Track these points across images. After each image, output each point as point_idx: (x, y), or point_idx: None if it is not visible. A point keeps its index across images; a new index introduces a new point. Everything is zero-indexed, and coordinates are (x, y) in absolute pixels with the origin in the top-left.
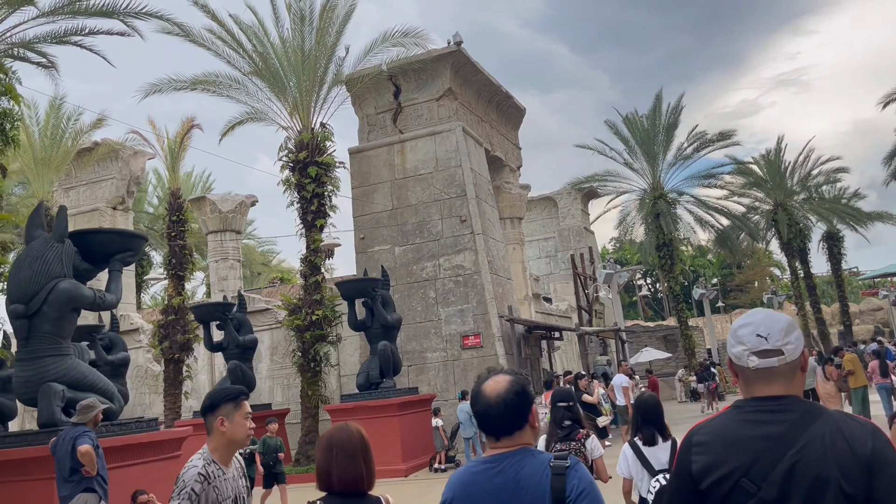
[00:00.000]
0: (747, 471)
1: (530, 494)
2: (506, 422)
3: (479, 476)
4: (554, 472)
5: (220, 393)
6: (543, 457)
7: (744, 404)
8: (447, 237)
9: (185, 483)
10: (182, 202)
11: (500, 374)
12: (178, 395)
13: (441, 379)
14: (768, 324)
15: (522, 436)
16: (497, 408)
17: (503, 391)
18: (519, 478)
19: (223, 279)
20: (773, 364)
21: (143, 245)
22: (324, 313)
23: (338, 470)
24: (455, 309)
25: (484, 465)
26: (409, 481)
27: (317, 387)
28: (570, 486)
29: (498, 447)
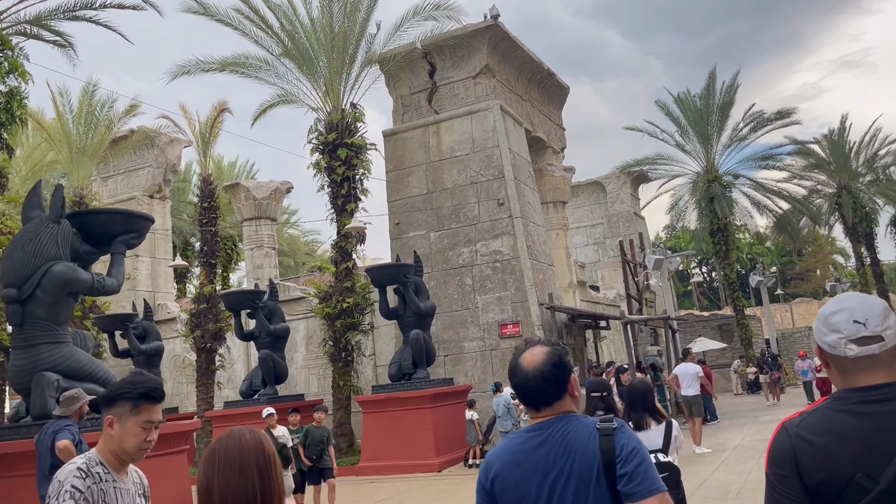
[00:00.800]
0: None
1: (580, 457)
2: (545, 393)
3: (524, 445)
4: (602, 433)
5: (119, 387)
6: (589, 420)
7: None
8: (484, 221)
9: (60, 483)
10: (213, 188)
11: (538, 346)
12: (210, 384)
13: (478, 369)
14: (865, 309)
15: (563, 405)
16: (535, 380)
17: (540, 363)
18: (567, 442)
19: (258, 267)
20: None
21: (147, 226)
22: (355, 301)
23: (220, 485)
24: (493, 296)
25: (528, 433)
26: (441, 477)
27: (348, 377)
28: (619, 445)
29: (539, 417)
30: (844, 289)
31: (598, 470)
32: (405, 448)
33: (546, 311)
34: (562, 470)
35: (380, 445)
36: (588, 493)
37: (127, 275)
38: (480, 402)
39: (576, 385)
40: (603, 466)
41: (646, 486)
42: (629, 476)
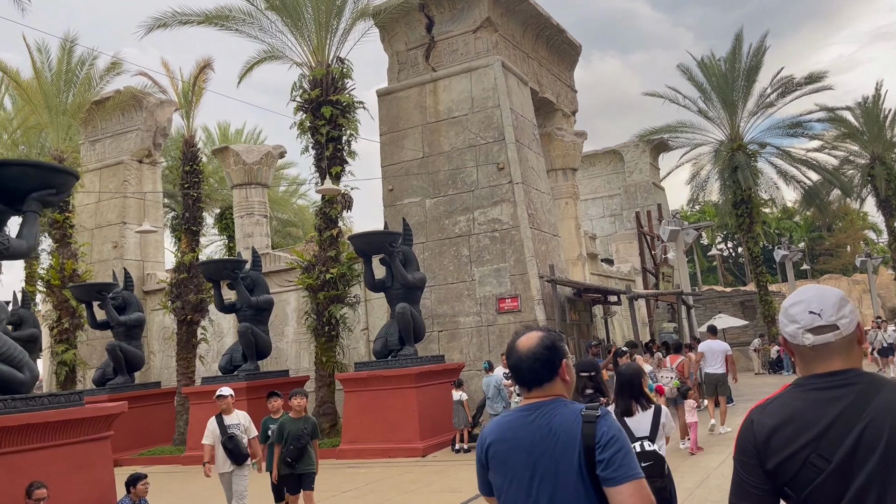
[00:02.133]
0: (817, 446)
1: (562, 440)
2: (536, 374)
3: (514, 423)
4: (585, 420)
5: None
6: (575, 406)
7: (805, 381)
8: (483, 187)
9: None
10: (196, 151)
11: (534, 331)
12: (191, 358)
13: (475, 346)
14: (820, 300)
15: (553, 387)
16: (528, 361)
17: (534, 346)
18: (552, 424)
19: (248, 236)
20: (830, 340)
21: (69, 181)
22: (339, 271)
23: None
24: (491, 268)
25: (519, 413)
26: (424, 463)
27: (332, 353)
28: (599, 432)
29: (531, 397)
30: (875, 265)
31: (579, 454)
32: (388, 430)
33: (547, 285)
34: (545, 450)
35: (362, 427)
36: (568, 475)
37: (114, 242)
38: (475, 381)
39: (568, 370)
40: (583, 451)
41: (622, 473)
42: (607, 462)
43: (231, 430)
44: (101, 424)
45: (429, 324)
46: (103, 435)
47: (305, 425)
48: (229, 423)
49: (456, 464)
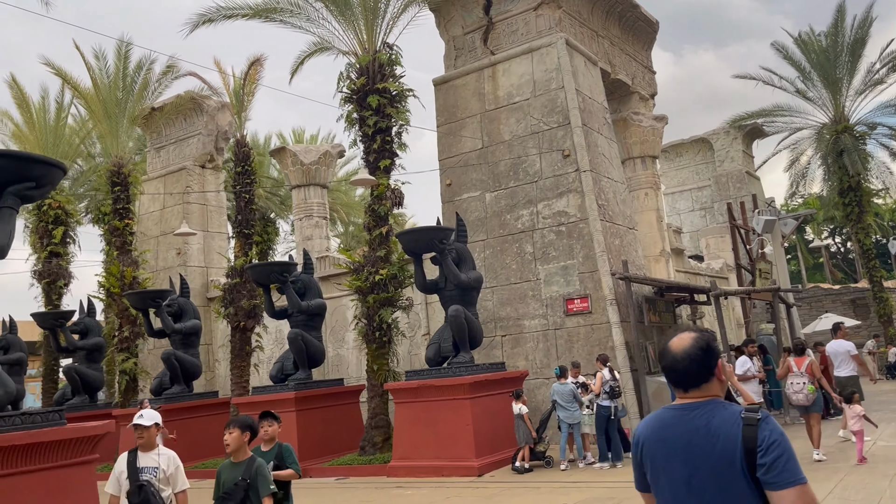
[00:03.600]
0: None
1: (721, 442)
2: (692, 375)
3: (669, 422)
4: (746, 422)
5: None
6: (734, 408)
7: None
8: (547, 177)
9: None
10: (248, 151)
11: (686, 332)
12: (245, 367)
13: (541, 352)
14: None
15: (710, 388)
16: (683, 362)
17: (688, 346)
18: (710, 426)
19: (308, 238)
20: None
21: (51, 173)
22: (389, 273)
23: None
24: (557, 266)
25: (674, 411)
26: (481, 483)
27: (384, 360)
28: (761, 436)
29: (687, 398)
30: None
31: (740, 457)
32: (441, 446)
33: (620, 283)
34: (703, 452)
35: (413, 442)
36: (729, 477)
37: (177, 249)
38: (542, 390)
39: (723, 370)
40: (744, 454)
41: (784, 478)
42: (769, 466)
43: (144, 476)
44: (83, 447)
45: (491, 328)
46: (85, 459)
47: (246, 473)
48: (144, 466)
49: (515, 486)
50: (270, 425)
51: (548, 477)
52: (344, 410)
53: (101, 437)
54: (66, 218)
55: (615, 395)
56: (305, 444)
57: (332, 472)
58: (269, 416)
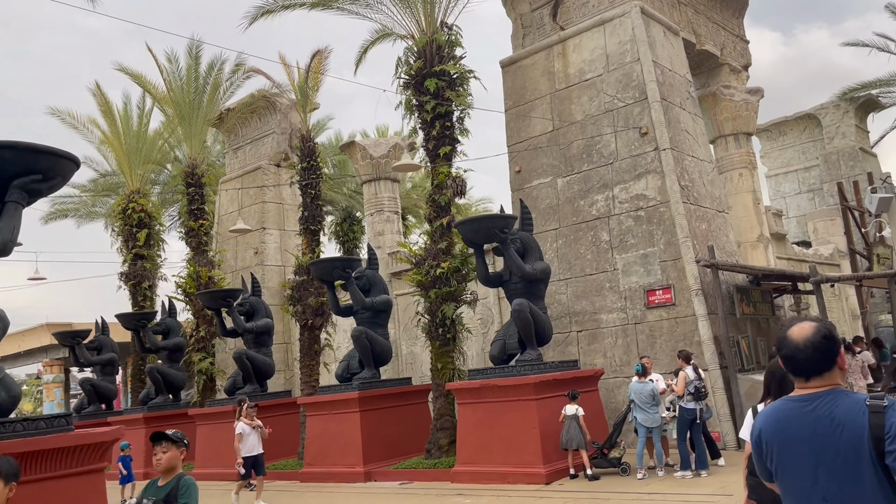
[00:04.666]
0: None
1: (847, 430)
2: (814, 363)
3: (791, 413)
4: (871, 409)
5: None
6: (858, 396)
7: None
8: (623, 158)
9: None
10: (313, 146)
11: (806, 321)
12: (314, 366)
13: (620, 349)
14: None
15: (832, 377)
16: (805, 351)
17: (810, 335)
18: (834, 415)
19: (379, 234)
20: None
21: (60, 165)
22: (451, 265)
23: None
24: (636, 254)
25: (796, 402)
26: (548, 492)
27: (448, 358)
28: (889, 423)
29: (808, 387)
30: None
31: (868, 444)
32: (506, 451)
33: (707, 272)
34: (828, 441)
35: (477, 446)
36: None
37: (255, 249)
38: (622, 390)
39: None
40: (871, 441)
41: None
42: None
43: None
44: (89, 454)
45: (565, 323)
46: (94, 467)
47: None
48: None
49: (582, 498)
50: (165, 451)
51: (621, 486)
52: (412, 411)
53: (110, 444)
54: (150, 221)
55: (700, 396)
56: (370, 445)
57: (396, 476)
58: (162, 438)
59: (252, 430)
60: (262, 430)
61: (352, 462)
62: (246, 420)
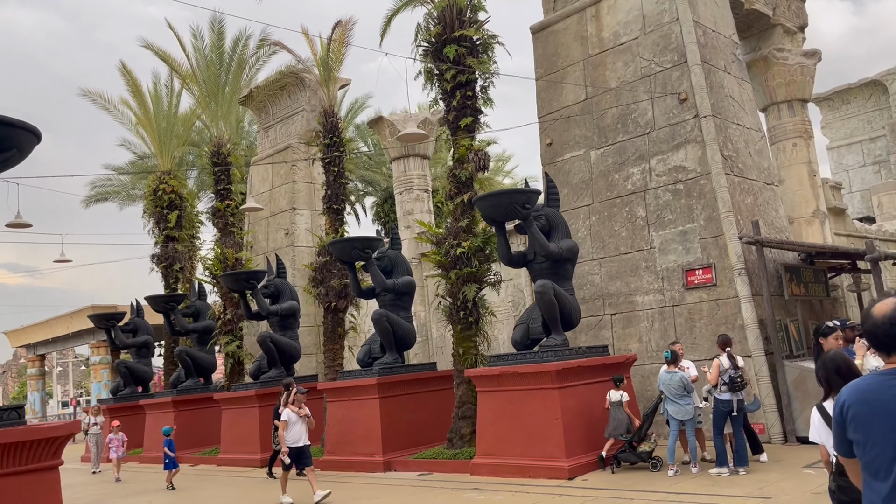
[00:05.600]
0: None
1: None
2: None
3: (876, 387)
4: None
5: None
6: None
7: None
8: (661, 127)
9: None
10: (337, 122)
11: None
12: (338, 350)
13: (656, 333)
14: None
15: None
16: (884, 326)
17: (890, 311)
18: None
19: (408, 213)
20: None
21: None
22: (473, 245)
23: None
24: (674, 231)
25: (881, 377)
26: (570, 488)
27: (470, 343)
28: None
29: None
30: None
31: None
32: (526, 442)
33: (752, 249)
34: None
35: (497, 436)
36: None
37: (285, 230)
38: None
39: None
40: None
41: None
42: None
43: None
44: (42, 451)
45: (599, 306)
46: (47, 464)
47: None
48: None
49: (605, 497)
50: None
51: (650, 484)
52: (435, 397)
53: (64, 440)
54: (181, 202)
55: (736, 387)
56: (390, 434)
57: (416, 466)
58: None
59: (298, 419)
60: (310, 419)
61: (371, 451)
62: (293, 407)
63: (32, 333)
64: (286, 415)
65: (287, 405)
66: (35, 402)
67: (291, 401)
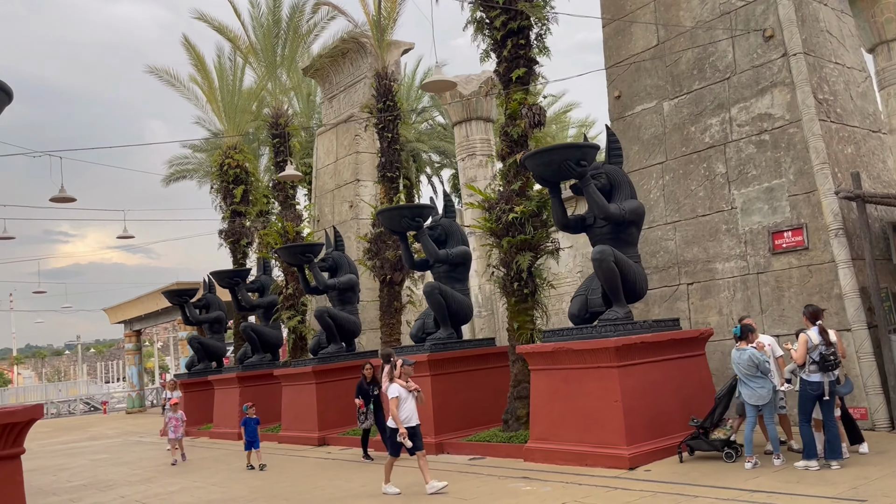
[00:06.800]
0: None
1: None
2: None
3: None
4: None
5: None
6: None
7: None
8: (743, 70)
9: None
10: (390, 84)
11: None
12: (395, 324)
13: (739, 304)
14: None
15: None
16: None
17: None
18: None
19: (471, 180)
20: None
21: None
22: (526, 209)
23: None
24: (759, 188)
25: None
26: (632, 479)
27: (526, 316)
28: None
29: None
30: None
31: None
32: (583, 427)
33: (851, 206)
34: None
35: (552, 420)
36: None
37: (349, 202)
38: None
39: None
40: None
41: None
42: None
43: None
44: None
45: (673, 275)
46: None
47: None
48: None
49: (666, 494)
50: None
51: (722, 477)
52: (492, 375)
53: (24, 426)
54: (246, 177)
55: (828, 366)
56: (442, 413)
57: (468, 449)
58: None
59: (409, 395)
60: (420, 394)
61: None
62: (401, 382)
63: (127, 310)
64: (396, 390)
65: (393, 379)
66: (133, 375)
67: (398, 375)
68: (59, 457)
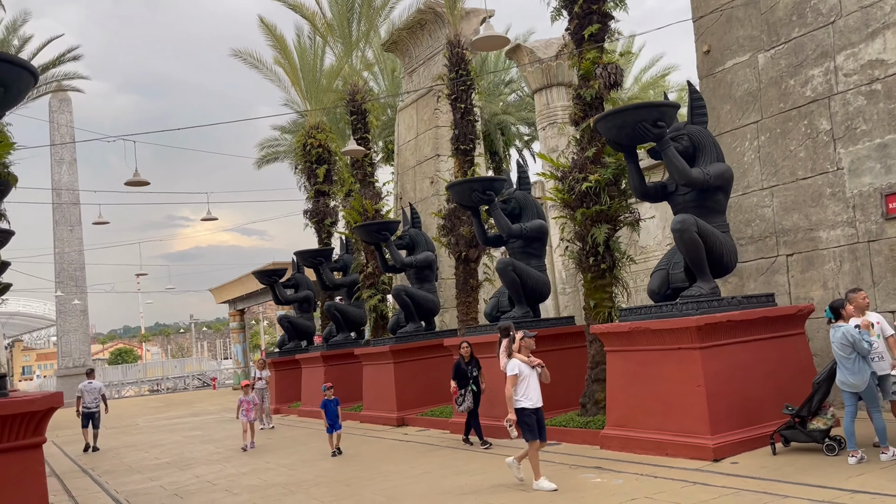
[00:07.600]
0: None
1: None
2: None
3: None
4: None
5: None
6: None
7: None
8: (849, 13)
9: None
10: (462, 52)
11: None
12: (471, 303)
13: (847, 276)
14: None
15: None
16: None
17: None
18: None
19: (552, 151)
20: None
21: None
22: (601, 178)
23: None
24: (869, 145)
25: None
26: (716, 473)
27: (604, 294)
28: None
29: None
30: None
31: None
32: (664, 413)
33: None
34: None
35: (629, 405)
36: None
37: (430, 178)
38: None
39: None
40: None
41: None
42: None
43: None
44: (20, 427)
45: (770, 245)
46: (26, 442)
47: None
48: None
49: (751, 492)
50: None
51: (819, 473)
52: (571, 356)
53: (45, 414)
54: (329, 156)
55: None
56: None
57: None
58: None
59: (531, 371)
60: (544, 370)
61: (498, 415)
62: (521, 356)
63: (231, 290)
64: (516, 367)
65: (511, 354)
66: (238, 353)
67: (517, 349)
68: (158, 433)
